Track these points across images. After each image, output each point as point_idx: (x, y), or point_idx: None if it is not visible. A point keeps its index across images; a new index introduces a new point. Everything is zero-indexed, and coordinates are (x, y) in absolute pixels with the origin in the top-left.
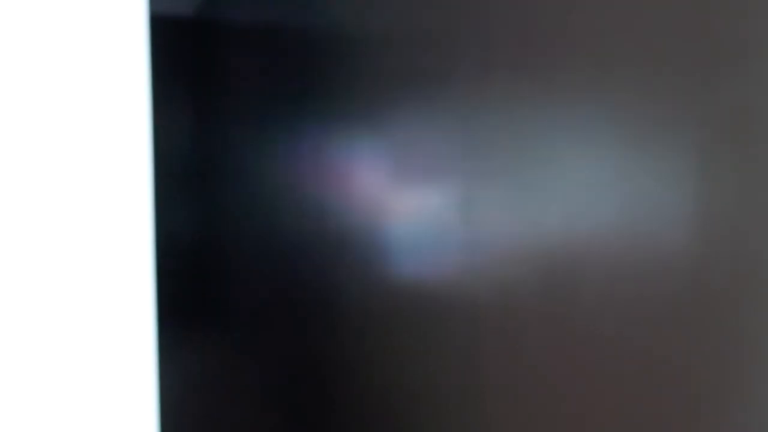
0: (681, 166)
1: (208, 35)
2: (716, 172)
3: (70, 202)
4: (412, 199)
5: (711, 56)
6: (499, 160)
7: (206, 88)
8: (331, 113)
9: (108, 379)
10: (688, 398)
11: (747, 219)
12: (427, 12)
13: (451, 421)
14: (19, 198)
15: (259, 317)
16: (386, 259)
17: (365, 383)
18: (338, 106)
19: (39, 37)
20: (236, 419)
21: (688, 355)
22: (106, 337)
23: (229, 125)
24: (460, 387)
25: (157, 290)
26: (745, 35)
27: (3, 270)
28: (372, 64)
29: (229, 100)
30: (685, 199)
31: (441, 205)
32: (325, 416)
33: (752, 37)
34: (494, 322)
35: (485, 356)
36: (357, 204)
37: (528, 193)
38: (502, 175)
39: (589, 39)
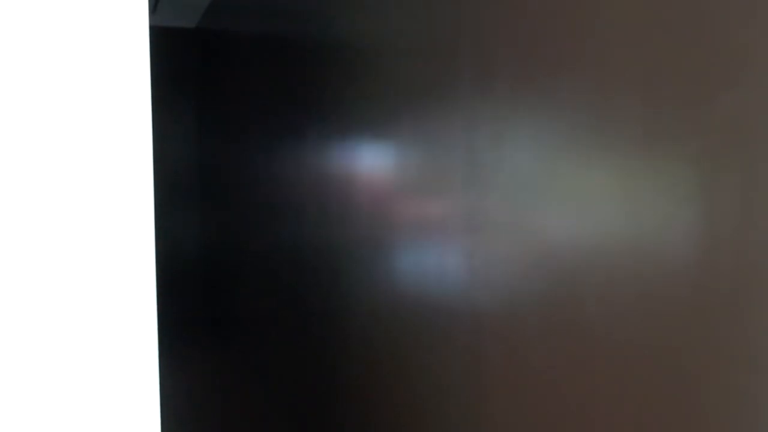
0: (681, 175)
1: (212, 46)
2: (717, 178)
3: (74, 213)
4: (415, 210)
5: (709, 66)
6: (502, 170)
7: (211, 99)
8: (333, 124)
9: (111, 389)
10: (691, 402)
11: (747, 226)
12: (427, 25)
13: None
14: (22, 209)
15: (264, 328)
16: (391, 269)
17: (370, 393)
18: (340, 116)
19: (43, 49)
20: (240, 428)
21: (690, 360)
22: (110, 349)
23: (232, 136)
24: (465, 394)
25: (161, 302)
26: (743, 45)
27: (12, 280)
28: (372, 75)
29: (234, 111)
30: (685, 207)
31: (445, 216)
32: (329, 424)
33: (750, 47)
34: (498, 331)
35: (489, 363)
36: (361, 215)
37: (531, 203)
38: (506, 185)
39: (590, 51)
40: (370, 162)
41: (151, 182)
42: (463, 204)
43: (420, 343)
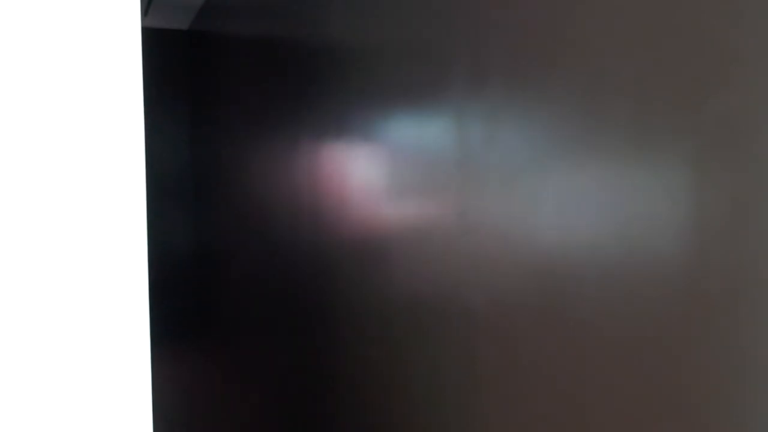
0: (673, 175)
1: (204, 48)
2: (708, 178)
3: (66, 213)
4: (408, 209)
5: (701, 67)
6: (494, 170)
7: (203, 100)
8: (326, 125)
9: (103, 388)
10: (684, 399)
11: (738, 226)
12: (420, 26)
13: (450, 428)
14: (15, 209)
15: (257, 328)
16: (384, 269)
17: (364, 393)
18: (332, 117)
19: (35, 50)
20: (232, 427)
21: (683, 357)
22: (102, 347)
23: (225, 137)
24: (459, 393)
25: (153, 301)
26: (735, 46)
27: (6, 279)
28: (365, 76)
29: (227, 112)
30: (677, 206)
31: (437, 215)
32: (323, 424)
33: (741, 48)
34: (491, 330)
35: (483, 362)
36: (354, 215)
37: (523, 201)
38: (498, 184)
39: (582, 51)
40: (364, 162)
41: (143, 183)
42: (455, 203)
43: (414, 342)
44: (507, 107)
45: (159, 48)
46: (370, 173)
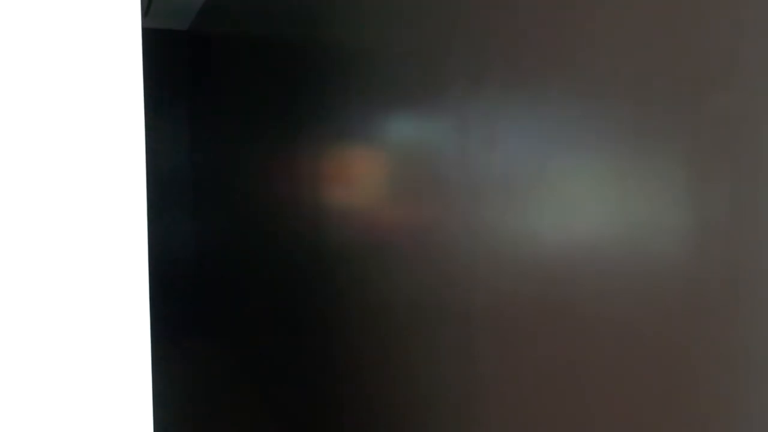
0: (672, 175)
1: (204, 48)
2: (708, 178)
3: (67, 214)
4: (408, 210)
5: (700, 68)
6: (495, 171)
7: (203, 101)
8: (326, 126)
9: (104, 389)
10: (686, 398)
11: (737, 225)
12: (419, 28)
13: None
14: (15, 210)
15: (257, 328)
16: (385, 270)
17: (363, 393)
18: (333, 118)
19: (35, 51)
20: (230, 426)
21: (683, 356)
22: (103, 348)
23: (225, 137)
24: (458, 394)
25: (154, 302)
26: (733, 47)
27: (7, 280)
28: (365, 78)
29: (227, 113)
30: (676, 206)
31: (437, 215)
32: (322, 424)
33: (740, 49)
34: (492, 331)
35: (483, 364)
36: (355, 216)
37: (523, 201)
38: (499, 186)
39: (581, 51)
40: (364, 162)
41: (143, 184)
42: (455, 203)
43: (414, 342)
44: (507, 107)
45: (159, 48)
46: (370, 173)
